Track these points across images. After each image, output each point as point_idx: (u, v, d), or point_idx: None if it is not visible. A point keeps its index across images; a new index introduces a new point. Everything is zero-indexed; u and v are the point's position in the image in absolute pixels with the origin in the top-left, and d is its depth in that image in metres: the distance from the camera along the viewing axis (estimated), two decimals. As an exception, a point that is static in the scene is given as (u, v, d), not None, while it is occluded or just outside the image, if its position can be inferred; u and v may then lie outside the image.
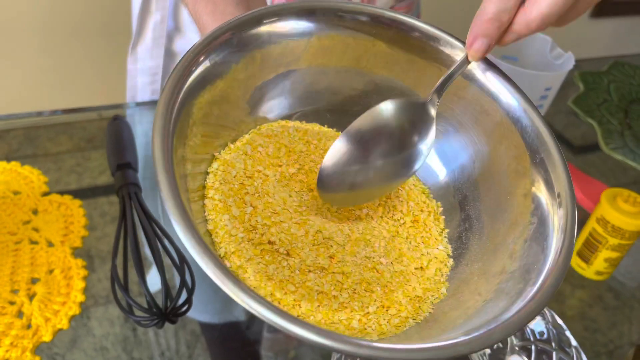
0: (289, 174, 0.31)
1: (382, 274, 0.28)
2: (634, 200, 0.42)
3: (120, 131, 0.50)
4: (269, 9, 0.31)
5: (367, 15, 0.32)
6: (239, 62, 0.30)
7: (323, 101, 0.34)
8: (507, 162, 0.30)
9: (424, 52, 0.32)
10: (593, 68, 0.72)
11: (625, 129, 0.62)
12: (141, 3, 0.56)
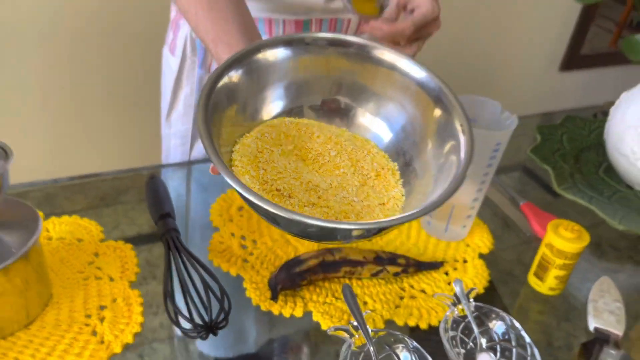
0: (287, 150, 0.45)
1: (354, 207, 0.42)
2: (572, 228, 0.53)
3: (157, 187, 0.62)
4: (264, 41, 0.46)
5: (325, 40, 0.47)
6: (245, 80, 0.45)
7: (306, 101, 0.49)
8: (427, 118, 0.46)
9: (367, 58, 0.47)
10: (553, 121, 0.85)
11: (576, 172, 0.74)
12: (174, 79, 0.69)
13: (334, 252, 0.54)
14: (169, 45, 0.73)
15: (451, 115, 0.44)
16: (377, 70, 0.47)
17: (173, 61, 0.71)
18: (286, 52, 0.47)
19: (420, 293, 0.54)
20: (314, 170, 0.45)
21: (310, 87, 0.49)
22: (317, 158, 0.46)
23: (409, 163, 0.46)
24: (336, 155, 0.46)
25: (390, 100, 0.48)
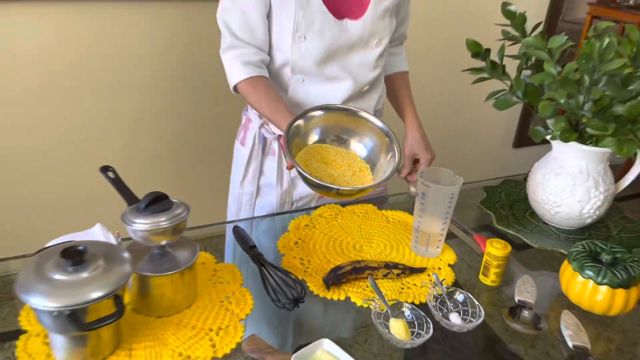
0: (318, 158, 0.89)
1: (349, 183, 0.88)
2: (500, 242, 0.90)
3: (241, 232, 0.97)
4: (308, 110, 0.94)
5: (336, 107, 0.96)
6: (301, 126, 0.91)
7: (327, 136, 0.95)
8: (381, 143, 0.93)
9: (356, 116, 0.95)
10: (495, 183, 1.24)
11: (509, 215, 1.12)
12: (246, 161, 1.08)
13: (360, 262, 0.89)
14: (240, 140, 1.12)
15: (392, 142, 0.91)
16: (359, 122, 0.96)
17: (244, 150, 1.10)
18: (318, 112, 0.94)
19: (413, 286, 0.89)
20: (330, 167, 0.90)
21: (328, 129, 0.96)
22: (331, 162, 0.91)
23: (374, 164, 0.93)
24: (341, 161, 0.91)
25: (365, 136, 0.96)
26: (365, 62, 1.07)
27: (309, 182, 0.83)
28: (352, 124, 0.95)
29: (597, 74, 0.88)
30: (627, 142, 0.94)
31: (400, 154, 0.93)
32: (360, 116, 0.96)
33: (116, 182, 0.82)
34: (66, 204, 1.69)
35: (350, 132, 0.95)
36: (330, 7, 1.01)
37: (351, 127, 0.95)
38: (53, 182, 1.66)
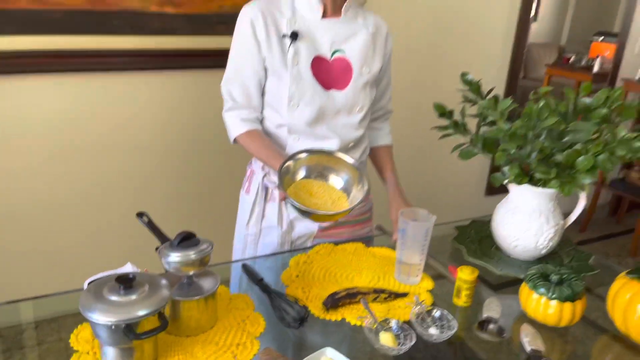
0: (305, 191, 1.08)
1: (329, 209, 1.08)
2: (468, 268, 1.08)
3: (250, 268, 1.14)
4: (295, 153, 1.13)
5: (319, 150, 1.17)
6: (290, 166, 1.11)
7: (312, 173, 1.14)
8: (354, 177, 1.15)
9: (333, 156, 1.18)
10: (463, 224, 1.43)
11: (478, 250, 1.31)
12: (251, 207, 1.26)
13: (353, 289, 1.06)
14: (245, 189, 1.31)
15: (362, 175, 1.12)
16: (336, 160, 1.16)
17: (249, 197, 1.29)
18: (304, 154, 1.14)
19: (398, 307, 1.06)
20: (315, 198, 1.09)
21: (312, 167, 1.15)
22: (316, 194, 1.10)
23: (349, 193, 1.12)
24: (323, 192, 1.10)
25: (341, 171, 1.16)
26: (349, 124, 1.27)
27: (299, 210, 1.04)
28: (330, 162, 1.17)
29: (537, 129, 1.10)
30: (568, 184, 1.15)
31: (369, 184, 1.15)
32: (336, 156, 1.17)
33: (150, 225, 0.99)
34: (94, 248, 1.85)
35: (329, 169, 1.17)
36: (319, 80, 1.22)
37: (330, 165, 1.17)
38: (76, 230, 1.83)
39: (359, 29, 1.27)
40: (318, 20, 1.23)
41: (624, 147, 1.05)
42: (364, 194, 1.11)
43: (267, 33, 1.20)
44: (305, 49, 1.21)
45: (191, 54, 1.83)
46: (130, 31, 1.72)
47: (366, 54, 1.27)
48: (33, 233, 1.78)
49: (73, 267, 1.84)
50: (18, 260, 1.78)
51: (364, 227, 1.40)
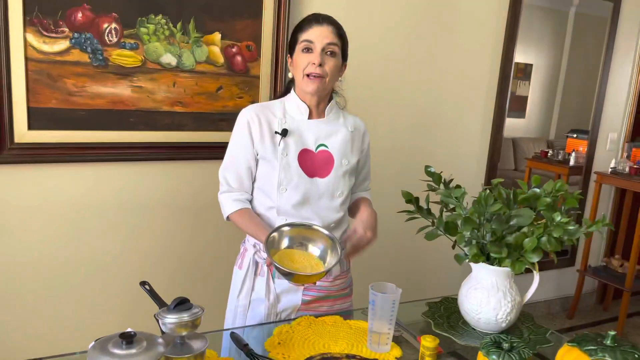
0: (288, 258, 1.26)
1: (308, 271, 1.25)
2: (430, 337, 1.21)
3: (237, 336, 1.28)
4: (279, 226, 1.34)
5: (299, 223, 1.37)
6: (275, 238, 1.31)
7: (293, 243, 1.33)
8: (328, 245, 1.35)
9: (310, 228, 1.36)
10: (435, 300, 1.57)
11: (446, 323, 1.44)
12: (242, 280, 1.41)
13: (327, 354, 1.19)
14: (238, 265, 1.47)
15: (335, 244, 1.29)
16: (314, 232, 1.34)
17: (241, 272, 1.45)
18: (286, 227, 1.32)
19: (368, 371, 1.19)
20: (296, 264, 1.26)
21: (294, 238, 1.33)
22: (297, 261, 1.27)
23: (325, 260, 1.29)
24: (303, 259, 1.26)
25: (318, 241, 1.34)
26: (331, 207, 1.47)
27: (282, 272, 1.23)
28: (308, 233, 1.36)
29: (487, 214, 1.28)
30: (518, 262, 1.31)
31: (342, 252, 1.33)
32: (314, 228, 1.37)
33: (151, 292, 1.15)
34: (98, 315, 1.97)
35: (308, 239, 1.36)
36: (304, 169, 1.43)
37: (308, 236, 1.36)
38: (84, 298, 1.96)
39: (340, 128, 1.50)
40: (305, 120, 1.46)
41: (559, 230, 1.23)
42: (338, 258, 1.30)
43: (261, 131, 1.43)
44: (293, 143, 1.43)
45: (196, 146, 2.07)
46: (144, 127, 1.97)
47: (345, 148, 1.48)
48: (44, 299, 1.92)
49: (79, 331, 1.97)
50: (25, 322, 1.90)
51: (344, 302, 1.55)
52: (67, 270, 1.95)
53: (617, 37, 3.22)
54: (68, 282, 1.96)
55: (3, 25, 1.69)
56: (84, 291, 1.99)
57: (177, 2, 1.94)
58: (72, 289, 1.97)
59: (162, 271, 2.10)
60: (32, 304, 1.92)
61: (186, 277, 2.16)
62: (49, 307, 1.95)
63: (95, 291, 2.01)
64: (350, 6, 2.28)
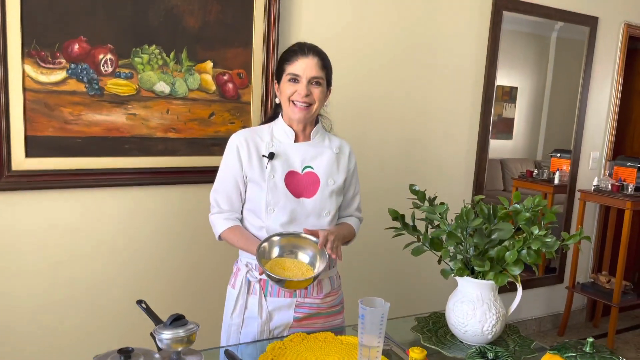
0: (279, 266, 1.33)
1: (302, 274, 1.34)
2: (418, 349, 1.26)
3: (231, 352, 1.32)
4: (269, 236, 1.42)
5: (289, 233, 1.44)
6: (266, 248, 1.39)
7: (284, 252, 1.40)
8: (317, 252, 1.42)
9: (301, 237, 1.44)
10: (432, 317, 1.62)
11: (434, 337, 1.48)
12: (235, 299, 1.46)
13: (319, 366, 1.23)
14: (231, 284, 1.52)
15: (324, 251, 1.35)
16: (303, 240, 1.42)
17: (234, 291, 1.49)
18: (276, 237, 1.39)
19: (358, 383, 1.23)
20: (287, 271, 1.32)
21: (284, 247, 1.40)
22: (288, 268, 1.33)
23: (314, 266, 1.35)
24: (294, 267, 1.33)
25: (307, 248, 1.41)
26: (318, 226, 1.52)
27: (274, 280, 1.30)
28: (298, 241, 1.44)
29: (469, 229, 1.35)
30: (500, 275, 1.37)
31: (330, 258, 1.41)
32: (302, 237, 1.44)
33: (147, 310, 1.19)
34: (96, 333, 1.99)
35: (298, 247, 1.43)
36: (291, 190, 1.49)
37: (298, 244, 1.44)
38: (79, 320, 1.98)
39: (325, 150, 1.56)
40: (291, 143, 1.53)
41: (538, 242, 1.29)
42: (326, 262, 1.37)
43: (249, 155, 1.50)
44: (280, 166, 1.50)
45: (189, 171, 2.13)
46: (139, 153, 2.02)
47: (331, 169, 1.55)
48: (41, 321, 1.94)
49: (75, 352, 1.99)
50: (24, 340, 1.92)
51: (335, 318, 1.59)
52: (63, 293, 1.98)
53: (594, 59, 3.34)
54: (64, 304, 1.99)
55: (2, 58, 1.76)
56: (79, 313, 2.01)
57: (170, 32, 2.02)
58: (68, 310, 1.99)
59: (156, 292, 2.12)
60: (29, 326, 1.94)
61: (180, 298, 2.19)
62: (45, 329, 1.97)
63: (91, 312, 2.03)
64: (337, 31, 2.38)
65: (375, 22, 2.48)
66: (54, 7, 1.82)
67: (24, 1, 1.77)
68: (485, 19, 2.82)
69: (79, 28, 1.87)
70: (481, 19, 2.80)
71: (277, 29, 2.19)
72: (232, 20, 2.13)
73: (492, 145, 3.12)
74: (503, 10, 2.85)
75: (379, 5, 2.47)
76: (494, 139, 3.26)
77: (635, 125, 4.04)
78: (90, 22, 1.88)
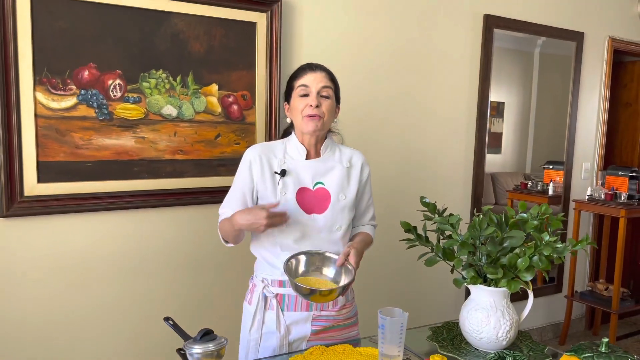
0: (307, 284, 1.40)
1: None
2: (437, 355, 1.29)
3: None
4: (295, 254, 1.50)
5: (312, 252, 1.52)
6: (291, 264, 1.46)
7: (311, 267, 1.48)
8: (341, 267, 1.49)
9: (325, 256, 1.51)
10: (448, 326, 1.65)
11: (449, 344, 1.52)
12: (252, 315, 1.48)
13: (343, 377, 1.26)
14: (247, 301, 1.54)
15: (347, 267, 1.42)
16: (327, 258, 1.49)
17: (251, 307, 1.51)
18: (302, 256, 1.47)
19: (382, 392, 1.25)
20: (313, 285, 1.36)
21: (309, 264, 1.46)
22: (313, 284, 1.38)
23: (337, 282, 1.40)
24: (319, 284, 1.38)
25: (329, 265, 1.48)
26: (330, 241, 1.55)
27: (302, 293, 1.37)
28: (323, 260, 1.50)
29: (481, 237, 1.39)
30: (513, 282, 1.41)
31: (354, 275, 1.45)
32: (326, 256, 1.51)
33: (175, 327, 1.22)
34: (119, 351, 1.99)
35: (323, 264, 1.50)
36: (302, 206, 1.53)
37: (322, 261, 1.50)
38: (93, 343, 1.98)
39: (336, 164, 1.60)
40: (303, 160, 1.57)
41: (549, 248, 1.34)
42: (350, 278, 1.42)
43: (262, 170, 1.54)
44: (291, 182, 1.54)
45: (197, 191, 2.16)
46: (148, 175, 2.05)
47: (342, 184, 1.59)
48: (54, 347, 1.94)
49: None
50: None
51: (351, 330, 1.62)
52: (78, 316, 1.98)
53: (582, 73, 3.45)
54: (79, 327, 1.99)
55: (14, 86, 1.79)
56: (94, 335, 2.02)
57: (176, 57, 2.07)
58: (83, 334, 2.00)
59: (170, 311, 2.11)
60: (45, 351, 1.94)
61: (194, 316, 2.19)
62: (61, 353, 1.97)
63: (106, 335, 2.04)
64: (336, 50, 2.45)
65: (374, 41, 2.55)
66: (64, 35, 1.86)
67: (36, 30, 1.81)
68: (478, 36, 2.91)
69: (88, 55, 1.91)
70: (474, 36, 2.90)
71: (280, 51, 2.25)
72: (236, 44, 2.19)
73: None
74: (494, 28, 2.95)
75: (379, 24, 2.55)
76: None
77: (623, 135, 4.15)
78: (100, 49, 1.93)
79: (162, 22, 2.03)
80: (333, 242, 1.56)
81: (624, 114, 4.13)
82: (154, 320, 2.08)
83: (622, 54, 3.78)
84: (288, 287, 1.53)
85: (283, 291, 1.54)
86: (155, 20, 2.01)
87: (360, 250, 1.52)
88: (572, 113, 3.47)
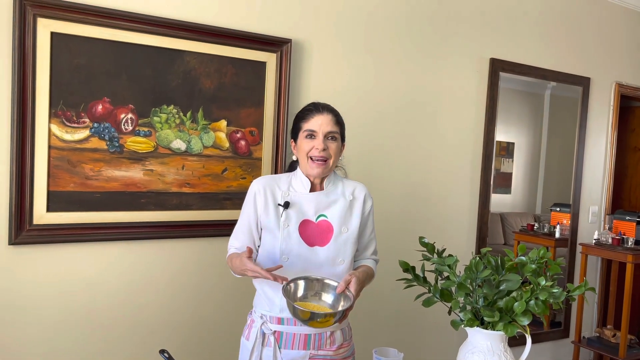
0: (304, 307, 1.40)
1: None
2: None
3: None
4: (295, 278, 1.49)
5: (314, 278, 1.52)
6: (290, 289, 1.46)
7: (310, 291, 1.50)
8: (339, 293, 1.48)
9: (324, 283, 1.51)
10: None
11: None
12: (250, 350, 1.49)
13: (336, 417, 1.26)
14: (245, 336, 1.55)
15: (345, 293, 1.41)
16: (326, 284, 1.49)
17: (248, 343, 1.52)
18: (301, 281, 1.47)
19: None
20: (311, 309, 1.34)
21: (308, 288, 1.47)
22: (311, 308, 1.36)
23: (336, 308, 1.40)
24: (316, 309, 1.35)
25: (329, 291, 1.47)
26: (333, 274, 1.57)
27: (300, 316, 1.37)
28: (322, 286, 1.51)
29: (478, 280, 1.40)
30: (510, 325, 1.41)
31: (353, 300, 1.44)
32: (326, 282, 1.52)
33: (170, 359, 1.23)
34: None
35: (322, 289, 1.51)
36: (304, 239, 1.55)
37: (321, 287, 1.51)
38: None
39: (338, 197, 1.63)
40: (306, 193, 1.60)
41: (545, 293, 1.34)
42: (348, 306, 1.42)
43: (266, 202, 1.57)
44: (294, 215, 1.56)
45: (203, 224, 2.19)
46: (154, 207, 2.09)
47: (344, 216, 1.61)
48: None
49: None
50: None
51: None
52: (82, 344, 2.00)
53: (588, 117, 3.48)
54: (84, 356, 2.00)
55: (30, 117, 1.86)
56: None
57: (187, 94, 2.14)
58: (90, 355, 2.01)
59: (171, 343, 2.14)
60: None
61: (194, 349, 2.20)
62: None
63: None
64: (344, 92, 2.51)
65: (382, 83, 2.62)
66: (80, 71, 1.94)
67: (54, 66, 1.89)
68: (484, 79, 2.97)
69: (103, 90, 1.98)
70: (480, 79, 2.95)
71: (288, 90, 2.31)
72: (246, 82, 2.26)
73: (492, 199, 3.20)
74: (500, 71, 3.01)
75: (387, 66, 2.62)
76: (493, 193, 3.34)
77: (632, 180, 4.14)
78: (114, 84, 2.00)
79: (175, 59, 2.11)
80: (336, 276, 1.57)
81: (632, 158, 4.13)
82: (153, 350, 2.09)
83: (629, 99, 3.81)
84: (286, 325, 1.54)
85: (281, 328, 1.54)
86: (169, 58, 2.09)
87: (361, 280, 1.52)
88: (578, 156, 3.49)
